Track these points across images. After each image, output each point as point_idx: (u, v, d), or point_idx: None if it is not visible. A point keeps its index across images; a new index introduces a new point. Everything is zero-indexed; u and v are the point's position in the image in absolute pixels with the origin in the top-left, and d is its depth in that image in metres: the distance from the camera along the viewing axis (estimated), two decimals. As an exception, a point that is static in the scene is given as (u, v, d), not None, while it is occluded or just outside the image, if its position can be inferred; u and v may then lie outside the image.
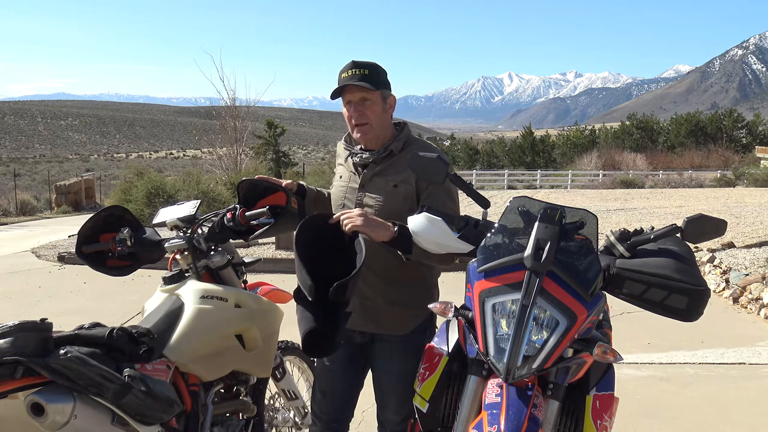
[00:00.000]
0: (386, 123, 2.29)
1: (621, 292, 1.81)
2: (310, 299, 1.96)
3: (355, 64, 2.20)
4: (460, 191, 2.19)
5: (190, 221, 2.51)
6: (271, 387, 2.80)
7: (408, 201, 2.22)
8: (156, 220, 2.64)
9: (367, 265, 2.13)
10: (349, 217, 2.04)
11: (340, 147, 2.45)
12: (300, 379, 3.10)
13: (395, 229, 2.04)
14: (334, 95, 2.24)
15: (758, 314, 5.87)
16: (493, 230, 1.86)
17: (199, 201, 2.64)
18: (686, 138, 49.22)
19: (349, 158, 2.35)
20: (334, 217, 2.09)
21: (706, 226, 1.86)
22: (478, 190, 2.11)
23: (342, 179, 2.39)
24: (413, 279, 2.31)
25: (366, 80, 2.18)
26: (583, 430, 1.78)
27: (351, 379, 2.43)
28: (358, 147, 2.32)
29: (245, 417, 2.55)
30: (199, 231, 2.49)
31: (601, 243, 1.90)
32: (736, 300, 6.30)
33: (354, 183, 2.33)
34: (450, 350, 1.92)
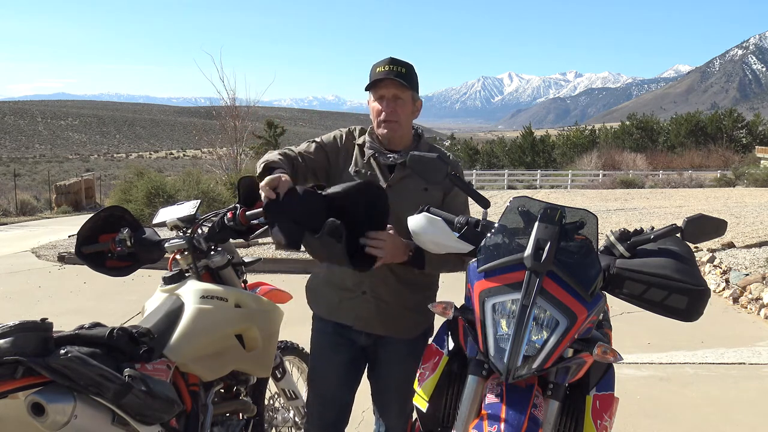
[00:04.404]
0: (410, 125, 2.30)
1: (621, 292, 1.81)
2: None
3: (393, 61, 2.19)
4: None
5: (190, 221, 2.51)
6: (271, 387, 2.80)
7: (436, 204, 2.20)
8: (156, 220, 2.64)
9: (390, 269, 2.18)
10: (375, 247, 2.01)
11: (352, 143, 2.35)
12: (300, 379, 3.10)
13: (410, 253, 2.08)
14: (370, 87, 2.22)
15: (758, 314, 5.87)
16: (493, 230, 1.86)
17: (199, 201, 2.64)
18: (686, 138, 49.24)
19: (372, 158, 2.27)
20: (370, 235, 2.01)
21: (706, 226, 1.86)
22: (478, 190, 2.12)
23: (359, 176, 2.27)
24: (427, 283, 2.34)
25: (402, 78, 2.17)
26: (583, 430, 1.78)
27: (350, 384, 2.38)
28: (376, 145, 2.30)
29: (245, 417, 2.55)
30: (199, 231, 2.49)
31: (601, 243, 1.90)
32: (736, 300, 6.30)
33: (377, 182, 2.24)
34: (450, 350, 1.92)
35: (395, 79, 2.16)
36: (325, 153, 2.32)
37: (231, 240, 2.45)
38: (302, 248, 2.02)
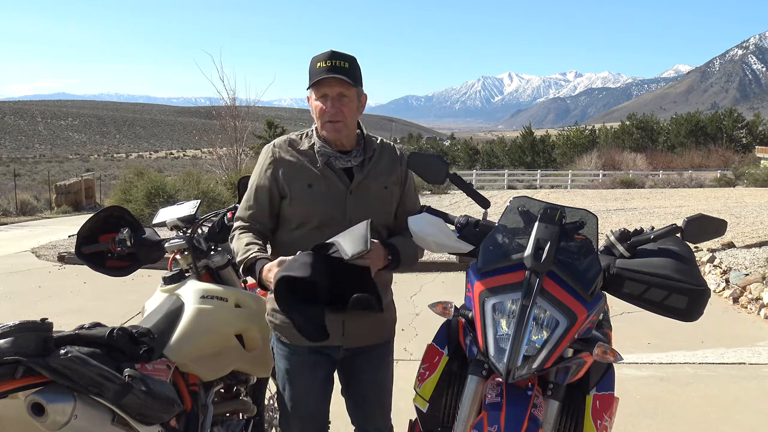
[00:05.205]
0: (356, 123, 2.14)
1: (621, 292, 1.81)
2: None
3: (334, 55, 2.01)
4: (459, 191, 2.19)
5: (190, 221, 2.52)
6: (271, 387, 2.80)
7: (395, 200, 2.18)
8: (156, 220, 2.65)
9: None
10: (366, 258, 1.88)
11: (290, 152, 2.14)
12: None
13: (389, 257, 2.02)
14: (313, 85, 2.03)
15: (758, 314, 5.87)
16: (493, 230, 1.86)
17: (199, 201, 2.65)
18: (686, 138, 49.31)
19: (326, 163, 2.09)
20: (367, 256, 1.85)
21: (707, 226, 1.86)
22: (478, 190, 2.12)
23: (314, 188, 2.08)
24: (390, 280, 2.28)
25: (345, 74, 2.00)
26: (583, 430, 1.78)
27: (328, 397, 2.26)
28: (329, 149, 2.11)
29: (245, 417, 2.56)
30: (199, 231, 2.50)
31: (601, 243, 1.90)
32: (736, 300, 6.30)
33: (336, 189, 2.09)
34: (450, 350, 1.92)
35: (339, 77, 1.99)
36: (267, 190, 2.13)
37: (231, 240, 2.45)
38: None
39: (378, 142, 2.21)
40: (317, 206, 2.07)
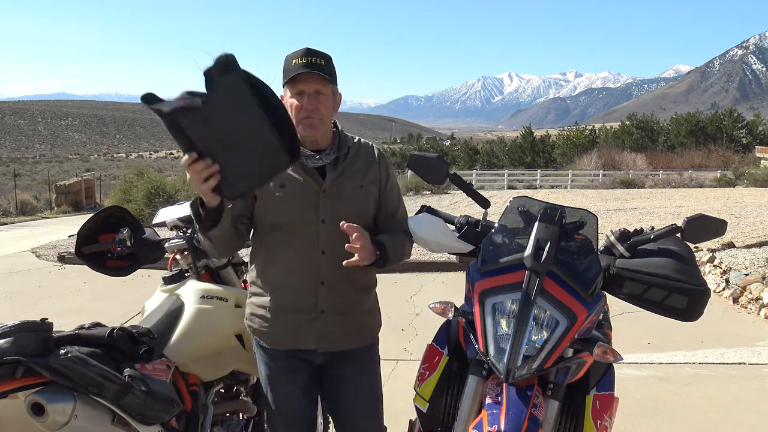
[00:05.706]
0: (331, 121, 2.11)
1: (621, 292, 1.82)
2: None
3: (310, 52, 1.99)
4: (459, 191, 2.18)
5: (190, 221, 2.52)
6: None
7: (373, 200, 2.11)
8: (156, 220, 2.65)
9: (348, 278, 2.04)
10: (359, 254, 1.88)
11: None
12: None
13: (378, 253, 1.96)
14: (287, 82, 1.99)
15: (758, 314, 5.87)
16: (493, 230, 1.87)
17: (199, 201, 2.64)
18: (686, 138, 49.30)
19: (299, 163, 2.02)
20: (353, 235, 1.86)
21: (707, 226, 1.86)
22: (478, 190, 2.12)
23: (286, 188, 2.02)
24: (374, 282, 2.22)
25: (322, 71, 1.98)
26: (583, 430, 1.78)
27: (313, 400, 2.19)
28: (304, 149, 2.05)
29: (245, 417, 2.56)
30: (199, 231, 2.49)
31: (601, 243, 1.90)
32: (736, 300, 6.30)
33: (309, 188, 2.03)
34: (450, 350, 1.92)
35: (316, 73, 1.96)
36: None
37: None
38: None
39: (355, 140, 2.17)
40: (289, 206, 2.02)
